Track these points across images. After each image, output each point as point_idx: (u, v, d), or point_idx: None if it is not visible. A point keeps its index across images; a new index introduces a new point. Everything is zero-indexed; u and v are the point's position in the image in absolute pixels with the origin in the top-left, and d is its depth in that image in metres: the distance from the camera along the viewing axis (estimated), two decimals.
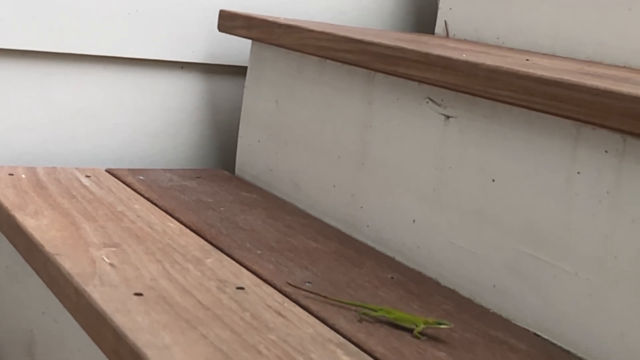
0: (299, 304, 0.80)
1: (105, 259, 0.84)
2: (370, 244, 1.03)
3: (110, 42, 1.25)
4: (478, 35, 1.34)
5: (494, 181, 0.88)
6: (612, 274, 0.76)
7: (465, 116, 0.92)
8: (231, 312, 0.75)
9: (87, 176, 1.14)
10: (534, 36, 1.25)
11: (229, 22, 1.26)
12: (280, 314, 0.77)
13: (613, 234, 0.76)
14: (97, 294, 0.75)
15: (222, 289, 0.81)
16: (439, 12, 1.40)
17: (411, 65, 0.93)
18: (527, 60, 1.01)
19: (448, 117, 0.94)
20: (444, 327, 0.76)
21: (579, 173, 0.80)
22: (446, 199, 0.93)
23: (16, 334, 0.99)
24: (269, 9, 1.33)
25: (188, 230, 0.97)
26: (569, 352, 0.79)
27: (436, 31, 1.41)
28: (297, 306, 0.80)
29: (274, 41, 1.17)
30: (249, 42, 1.27)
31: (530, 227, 0.84)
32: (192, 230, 0.98)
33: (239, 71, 1.35)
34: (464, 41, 1.31)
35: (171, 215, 1.02)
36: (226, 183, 1.22)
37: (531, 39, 1.25)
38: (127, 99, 1.29)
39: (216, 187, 1.19)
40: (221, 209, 1.08)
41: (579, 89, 0.76)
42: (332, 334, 0.75)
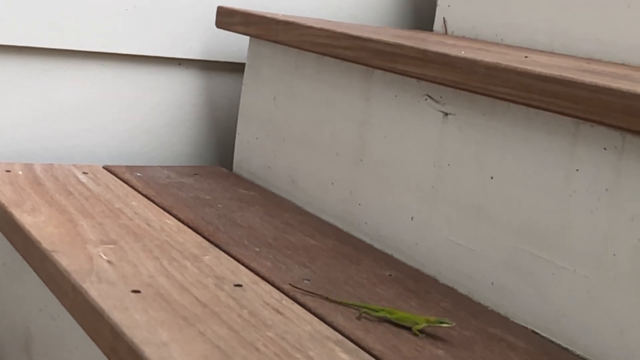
0: (297, 301, 0.80)
1: (103, 256, 0.84)
2: (368, 241, 1.03)
3: (108, 39, 1.25)
4: (476, 32, 1.34)
5: (492, 178, 0.88)
6: (611, 271, 0.76)
7: (464, 113, 0.92)
8: (229, 309, 0.75)
9: (85, 173, 1.13)
10: (532, 33, 1.25)
11: (227, 18, 1.25)
12: (278, 311, 0.77)
13: (612, 231, 0.76)
14: (94, 291, 0.75)
15: (220, 286, 0.81)
16: (437, 9, 1.40)
17: (410, 62, 0.93)
18: (526, 57, 1.00)
19: (446, 114, 0.94)
20: (445, 325, 0.76)
21: (577, 170, 0.80)
22: (444, 196, 0.93)
23: (13, 331, 0.99)
24: (267, 6, 1.33)
25: (186, 227, 0.97)
26: (567, 350, 0.79)
27: (435, 28, 1.40)
28: (295, 303, 0.79)
29: (272, 38, 1.17)
30: (247, 38, 1.27)
31: (528, 224, 0.84)
32: (189, 227, 0.98)
33: (236, 68, 1.35)
34: (463, 38, 1.31)
35: (169, 212, 1.02)
36: (224, 180, 1.22)
37: (530, 36, 1.25)
38: (124, 95, 1.29)
39: (214, 184, 1.19)
40: (219, 206, 1.08)
41: (577, 86, 0.75)
42: (330, 331, 0.74)
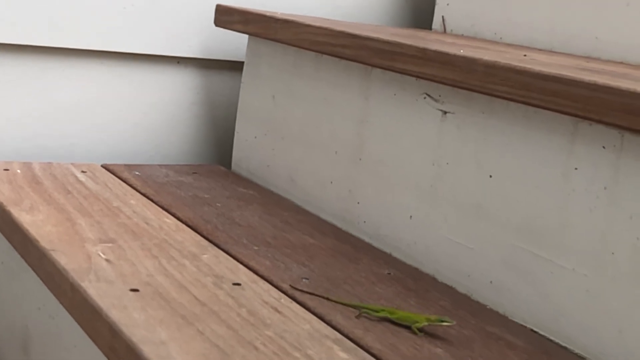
0: (296, 300, 0.80)
1: (101, 254, 0.83)
2: (367, 239, 1.03)
3: (107, 37, 1.25)
4: (475, 30, 1.34)
5: (491, 177, 0.88)
6: (610, 269, 0.76)
7: (463, 112, 0.91)
8: (227, 308, 0.75)
9: (83, 171, 1.13)
10: (531, 31, 1.25)
11: (226, 16, 1.25)
12: (277, 310, 0.77)
13: (610, 229, 0.76)
14: (92, 289, 0.75)
15: (219, 284, 0.80)
16: (436, 7, 1.40)
17: (408, 61, 0.93)
18: (525, 55, 1.00)
19: (445, 113, 0.93)
20: (446, 324, 0.76)
21: (576, 169, 0.80)
22: (443, 194, 0.93)
23: (12, 330, 0.99)
24: (265, 4, 1.33)
25: (184, 226, 0.97)
26: (566, 349, 0.79)
27: (433, 27, 1.40)
28: (294, 302, 0.79)
29: (270, 36, 1.17)
30: (246, 37, 1.27)
31: (527, 223, 0.84)
32: (188, 226, 0.97)
33: (235, 66, 1.35)
34: (462, 37, 1.31)
35: (167, 210, 1.02)
36: (222, 179, 1.22)
37: (529, 35, 1.25)
38: (123, 94, 1.29)
39: (212, 183, 1.19)
40: (217, 204, 1.08)
41: (576, 84, 0.75)
42: (328, 330, 0.74)
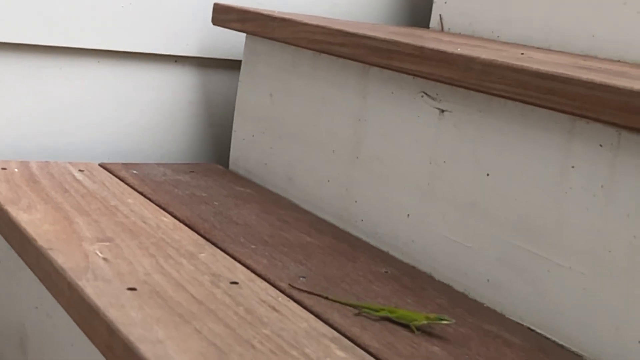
0: (293, 298, 0.80)
1: (99, 253, 0.83)
2: (364, 238, 1.03)
3: (104, 36, 1.25)
4: (473, 29, 1.34)
5: (488, 175, 0.88)
6: (606, 267, 0.76)
7: (460, 110, 0.91)
8: (225, 306, 0.75)
9: (81, 170, 1.13)
10: (528, 30, 1.25)
11: (223, 15, 1.25)
12: (274, 308, 0.77)
13: (607, 228, 0.76)
14: (90, 288, 0.75)
15: (216, 283, 0.80)
16: (433, 5, 1.40)
17: (406, 59, 0.93)
18: (522, 54, 1.00)
19: (443, 111, 0.93)
20: (445, 323, 0.76)
21: (573, 167, 0.80)
22: (440, 193, 0.93)
23: (9, 329, 0.99)
24: (263, 2, 1.33)
25: (182, 225, 0.97)
26: (562, 346, 0.79)
27: (431, 25, 1.40)
28: (291, 301, 0.79)
29: (268, 35, 1.17)
30: (243, 35, 1.27)
31: (524, 221, 0.84)
32: (185, 224, 0.97)
33: (233, 65, 1.35)
34: (459, 35, 1.31)
35: (165, 209, 1.02)
36: (220, 177, 1.22)
37: (526, 33, 1.25)
38: (120, 92, 1.29)
39: (210, 182, 1.19)
40: (215, 203, 1.08)
41: (573, 82, 0.75)
42: (326, 328, 0.74)
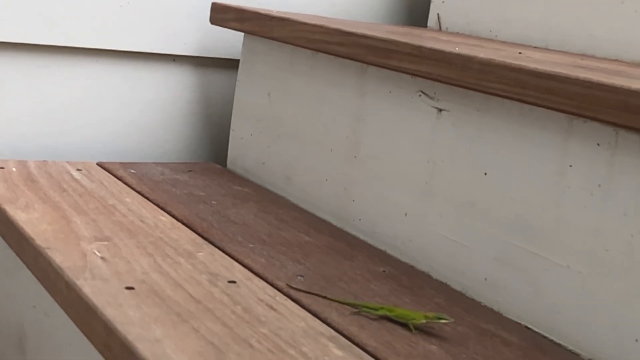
0: (291, 297, 0.80)
1: (97, 252, 0.83)
2: (362, 237, 1.03)
3: (102, 35, 1.25)
4: (471, 28, 1.34)
5: (486, 174, 0.88)
6: (604, 266, 0.76)
7: (458, 109, 0.92)
8: (223, 305, 0.75)
9: (78, 169, 1.13)
10: (526, 29, 1.25)
11: (221, 14, 1.25)
12: (272, 307, 0.77)
13: (605, 226, 0.76)
14: (88, 287, 0.75)
15: (214, 282, 0.81)
16: (431, 5, 1.40)
17: (404, 58, 0.93)
18: (520, 53, 1.01)
19: (440, 110, 0.94)
20: (444, 321, 0.76)
21: (571, 166, 0.80)
22: (438, 192, 0.93)
23: (7, 328, 0.99)
24: (261, 2, 1.33)
25: (179, 224, 0.97)
26: (560, 345, 0.79)
27: (429, 24, 1.40)
28: (289, 300, 0.79)
29: (266, 34, 1.17)
30: (241, 34, 1.27)
31: (522, 220, 0.84)
32: (183, 223, 0.98)
33: (231, 64, 1.35)
34: (457, 34, 1.31)
35: (163, 208, 1.02)
36: (218, 176, 1.22)
37: (524, 32, 1.25)
38: (118, 91, 1.29)
39: (208, 181, 1.19)
40: (213, 202, 1.08)
41: (571, 81, 0.76)
42: (323, 327, 0.74)
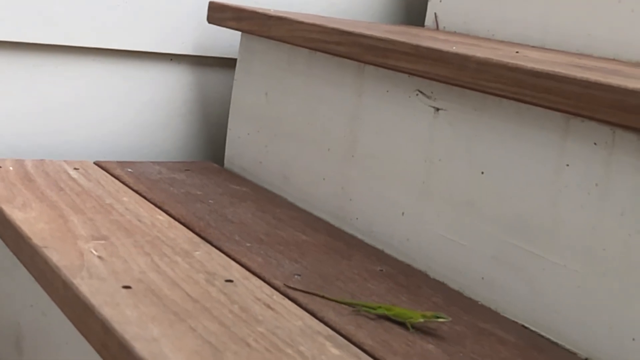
0: (288, 296, 0.80)
1: (94, 251, 0.83)
2: (359, 236, 1.03)
3: (99, 34, 1.24)
4: (468, 27, 1.34)
5: (483, 173, 0.88)
6: (601, 265, 0.76)
7: (455, 108, 0.92)
8: (220, 304, 0.75)
9: (76, 169, 1.13)
10: (524, 28, 1.25)
11: (219, 13, 1.25)
12: (269, 306, 0.77)
13: (602, 226, 0.77)
14: (85, 286, 0.75)
15: (211, 281, 0.81)
16: (429, 4, 1.40)
17: (401, 58, 0.93)
18: (517, 52, 1.01)
19: (438, 110, 0.94)
20: (441, 320, 0.76)
21: (568, 165, 0.80)
22: (435, 191, 0.93)
23: (3, 327, 0.99)
24: (259, 1, 1.33)
25: (177, 223, 0.97)
26: (557, 344, 0.79)
27: (426, 23, 1.40)
28: (286, 299, 0.79)
29: (263, 33, 1.17)
30: (239, 34, 1.27)
31: (519, 219, 0.84)
32: (180, 223, 0.97)
33: (228, 63, 1.35)
34: (454, 33, 1.31)
35: (160, 207, 1.02)
36: (215, 176, 1.22)
37: (521, 32, 1.25)
38: (115, 91, 1.29)
39: (205, 180, 1.18)
40: (210, 201, 1.08)
41: (568, 81, 0.76)
42: (321, 326, 0.74)
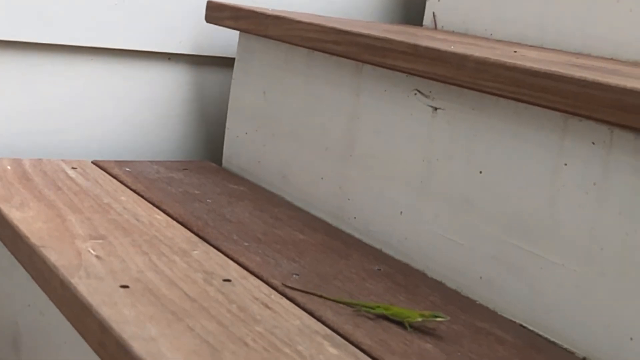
0: (286, 296, 0.80)
1: (91, 251, 0.83)
2: (357, 235, 1.03)
3: (97, 33, 1.24)
4: (466, 27, 1.34)
5: (481, 173, 0.88)
6: (599, 265, 0.76)
7: (453, 108, 0.92)
8: (218, 304, 0.75)
9: (73, 168, 1.13)
10: (522, 28, 1.25)
11: (217, 12, 1.25)
12: (267, 306, 0.77)
13: (600, 225, 0.77)
14: (82, 286, 0.75)
15: (209, 281, 0.80)
16: (427, 3, 1.40)
17: (399, 57, 0.93)
18: (515, 52, 1.01)
19: (436, 109, 0.94)
20: (440, 319, 0.76)
21: (566, 165, 0.80)
22: (434, 190, 0.93)
23: (1, 327, 0.99)
24: (257, 0, 1.33)
25: (175, 222, 0.97)
26: (555, 343, 0.79)
27: (424, 23, 1.41)
28: (284, 298, 0.79)
29: (261, 32, 1.17)
30: (237, 33, 1.27)
31: (517, 218, 0.84)
32: (178, 222, 0.97)
33: (226, 62, 1.35)
34: (452, 33, 1.31)
35: (158, 207, 1.02)
36: (213, 175, 1.22)
37: (519, 31, 1.25)
38: (113, 90, 1.29)
39: (203, 179, 1.18)
40: (208, 200, 1.08)
41: (566, 80, 0.76)
42: (319, 325, 0.74)
